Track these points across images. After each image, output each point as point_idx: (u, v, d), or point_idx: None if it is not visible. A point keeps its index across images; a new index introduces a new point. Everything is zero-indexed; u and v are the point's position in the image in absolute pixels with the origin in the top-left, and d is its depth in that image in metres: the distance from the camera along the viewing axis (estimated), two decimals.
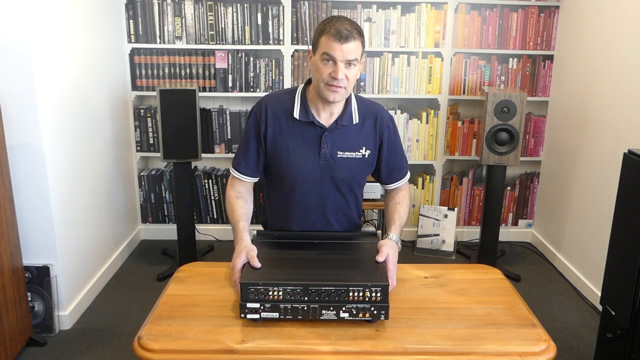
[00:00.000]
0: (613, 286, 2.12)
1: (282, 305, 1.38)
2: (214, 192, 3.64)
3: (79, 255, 2.78)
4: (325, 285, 1.37)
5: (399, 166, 1.86)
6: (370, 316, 1.38)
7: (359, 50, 1.63)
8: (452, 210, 3.56)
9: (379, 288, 1.37)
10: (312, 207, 1.82)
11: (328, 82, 1.63)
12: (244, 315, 1.39)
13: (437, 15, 3.41)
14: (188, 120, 2.96)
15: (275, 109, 1.76)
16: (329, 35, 1.60)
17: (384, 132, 1.80)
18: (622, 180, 2.06)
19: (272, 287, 1.37)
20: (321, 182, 1.78)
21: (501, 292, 1.58)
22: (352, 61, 1.62)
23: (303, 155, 1.75)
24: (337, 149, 1.76)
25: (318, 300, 1.38)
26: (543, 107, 3.58)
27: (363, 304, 1.37)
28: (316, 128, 1.74)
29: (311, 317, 1.38)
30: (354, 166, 1.78)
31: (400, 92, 3.51)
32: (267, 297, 1.37)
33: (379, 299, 1.37)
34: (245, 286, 1.38)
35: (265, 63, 3.45)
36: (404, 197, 1.85)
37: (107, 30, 3.18)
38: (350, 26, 1.61)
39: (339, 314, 1.38)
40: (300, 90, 1.77)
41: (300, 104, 1.75)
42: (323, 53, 1.62)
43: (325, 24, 1.64)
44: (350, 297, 1.37)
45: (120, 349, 2.49)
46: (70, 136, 2.67)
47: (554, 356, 1.32)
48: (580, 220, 3.16)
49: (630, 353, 2.02)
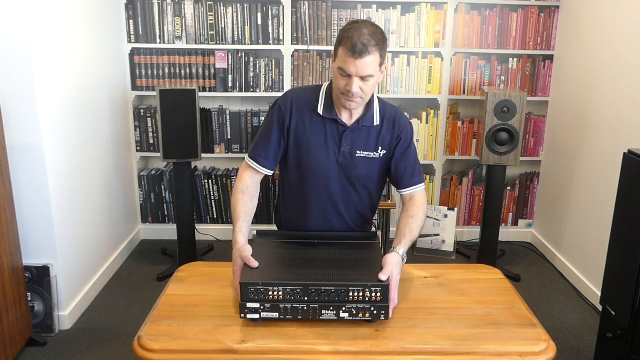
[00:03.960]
0: (613, 286, 2.12)
1: (282, 305, 1.38)
2: (214, 192, 3.64)
3: (79, 255, 2.78)
4: (325, 285, 1.38)
5: (409, 172, 1.82)
6: (370, 316, 1.38)
7: (375, 63, 1.61)
8: (452, 210, 3.56)
9: (379, 288, 1.38)
10: (329, 204, 1.82)
11: (344, 93, 1.65)
12: (244, 316, 1.39)
13: (437, 15, 3.41)
14: (188, 120, 2.96)
15: (300, 104, 1.77)
16: (345, 49, 1.58)
17: (401, 134, 1.80)
18: (622, 180, 2.06)
19: (272, 287, 1.38)
20: (339, 180, 1.79)
21: (501, 292, 1.58)
22: (366, 77, 1.61)
23: (324, 152, 1.76)
24: (357, 148, 1.77)
25: (318, 300, 1.38)
26: (543, 107, 3.58)
27: (363, 304, 1.37)
28: (338, 126, 1.76)
29: (311, 317, 1.38)
30: (370, 166, 1.80)
31: (400, 92, 3.51)
32: (267, 297, 1.37)
33: (379, 299, 1.38)
34: (245, 286, 1.38)
35: (265, 63, 3.45)
36: (418, 211, 1.78)
37: (107, 30, 3.18)
38: (368, 38, 1.57)
39: (339, 314, 1.38)
40: (326, 87, 1.78)
41: (324, 101, 1.76)
42: (339, 67, 1.62)
43: (345, 31, 1.61)
44: (351, 297, 1.37)
45: (120, 349, 2.49)
46: (70, 136, 2.67)
47: (554, 356, 1.32)
48: (580, 220, 3.16)
49: (630, 353, 2.02)
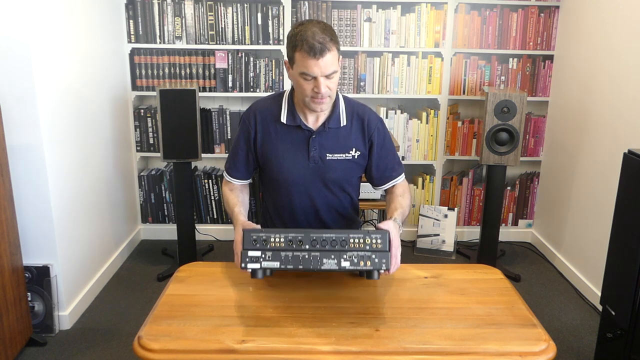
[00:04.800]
0: (613, 286, 2.12)
1: (284, 253, 1.37)
2: (214, 192, 3.64)
3: (79, 255, 2.78)
4: (326, 233, 1.38)
5: (390, 167, 1.84)
6: (372, 264, 1.37)
7: (335, 58, 1.60)
8: (452, 210, 3.56)
9: (379, 235, 1.37)
10: (306, 209, 1.84)
11: (312, 96, 1.63)
12: (245, 265, 1.38)
13: (437, 15, 3.41)
14: (188, 120, 2.96)
15: (263, 115, 1.78)
16: (303, 52, 1.55)
17: (373, 134, 1.80)
18: (622, 180, 2.06)
19: (274, 234, 1.37)
20: (313, 185, 1.80)
21: (501, 292, 1.58)
22: (331, 74, 1.60)
23: (292, 159, 1.77)
24: (326, 152, 1.77)
25: (319, 249, 1.37)
26: (543, 107, 3.58)
27: (364, 252, 1.36)
28: (304, 131, 1.75)
29: (312, 266, 1.37)
30: (344, 168, 1.79)
31: (400, 92, 3.51)
32: (269, 246, 1.36)
33: (379, 246, 1.37)
34: (248, 233, 1.37)
35: (265, 63, 3.45)
36: (405, 192, 1.83)
37: (107, 30, 3.18)
38: (322, 35, 1.55)
39: (340, 262, 1.37)
40: (287, 94, 1.78)
41: (287, 109, 1.76)
42: (301, 73, 1.59)
43: (296, 36, 1.58)
44: (351, 243, 1.36)
45: (120, 349, 2.49)
46: (70, 136, 2.67)
47: (554, 356, 1.32)
48: (580, 220, 3.16)
49: (630, 353, 2.02)
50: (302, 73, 1.60)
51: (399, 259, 1.50)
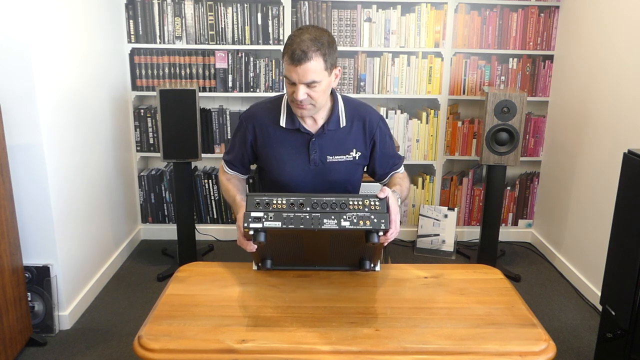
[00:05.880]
0: (613, 286, 2.12)
1: (285, 214, 1.41)
2: (214, 192, 3.64)
3: (79, 255, 2.78)
4: (327, 197, 1.44)
5: (392, 162, 1.89)
6: (371, 224, 1.41)
7: (318, 68, 1.59)
8: (452, 210, 3.56)
9: (377, 199, 1.44)
10: None
11: (293, 100, 1.66)
12: (247, 225, 1.41)
13: (437, 15, 3.41)
14: (188, 120, 2.96)
15: (262, 119, 1.79)
16: (287, 56, 1.60)
17: (375, 134, 1.81)
18: (622, 180, 2.06)
19: (276, 197, 1.43)
20: (314, 187, 1.80)
21: (501, 292, 1.58)
22: (310, 83, 1.60)
23: (293, 163, 1.77)
24: (327, 154, 1.77)
25: (320, 210, 1.42)
26: (543, 107, 3.58)
27: (363, 212, 1.42)
28: (303, 135, 1.76)
29: (313, 226, 1.41)
30: (345, 169, 1.80)
31: (400, 92, 3.51)
32: (271, 207, 1.41)
33: (378, 208, 1.42)
34: (251, 197, 1.42)
35: (265, 63, 3.45)
36: (404, 177, 1.87)
37: (107, 30, 3.18)
38: (308, 43, 1.57)
39: (340, 222, 1.41)
40: (286, 98, 1.78)
41: (286, 113, 1.76)
42: (284, 76, 1.65)
43: (289, 38, 1.63)
44: (351, 205, 1.42)
45: (120, 349, 2.49)
46: (70, 136, 2.67)
47: (554, 356, 1.32)
48: (580, 220, 3.16)
49: (630, 353, 2.02)
50: (285, 76, 1.65)
51: (398, 225, 1.49)
